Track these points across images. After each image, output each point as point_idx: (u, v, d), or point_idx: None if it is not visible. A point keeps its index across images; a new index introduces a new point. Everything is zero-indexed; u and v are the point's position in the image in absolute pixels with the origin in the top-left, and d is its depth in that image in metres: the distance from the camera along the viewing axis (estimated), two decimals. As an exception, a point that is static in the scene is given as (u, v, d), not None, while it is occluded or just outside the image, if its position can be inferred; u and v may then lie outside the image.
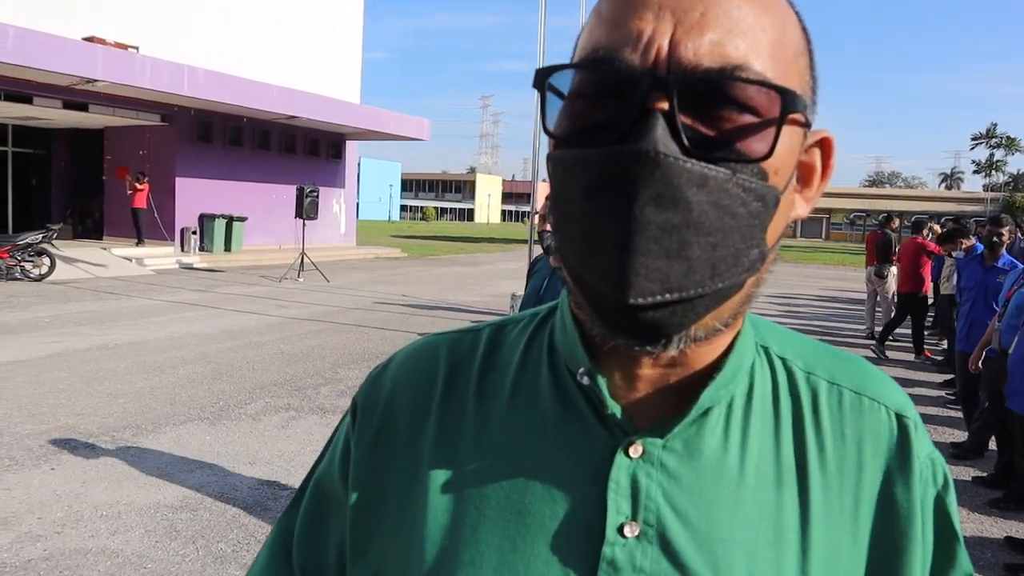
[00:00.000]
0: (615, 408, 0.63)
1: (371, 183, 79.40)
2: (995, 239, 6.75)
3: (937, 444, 4.34)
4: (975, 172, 77.66)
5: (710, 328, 0.60)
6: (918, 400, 8.26)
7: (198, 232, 20.34)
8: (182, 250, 19.84)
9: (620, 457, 0.63)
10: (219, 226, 20.68)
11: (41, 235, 14.81)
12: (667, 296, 0.54)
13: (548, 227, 3.20)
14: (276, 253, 21.53)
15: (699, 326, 0.58)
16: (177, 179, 20.14)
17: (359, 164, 28.57)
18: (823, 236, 76.80)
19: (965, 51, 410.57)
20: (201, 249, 20.33)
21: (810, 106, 0.60)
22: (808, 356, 0.71)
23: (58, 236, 15.69)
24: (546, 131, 0.60)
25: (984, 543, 4.72)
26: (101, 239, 20.75)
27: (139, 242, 19.03)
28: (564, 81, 0.59)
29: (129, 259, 17.82)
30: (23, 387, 7.13)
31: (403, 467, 0.70)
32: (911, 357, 10.78)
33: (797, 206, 0.63)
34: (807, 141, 0.62)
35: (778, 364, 0.70)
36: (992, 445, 6.12)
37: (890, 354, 10.95)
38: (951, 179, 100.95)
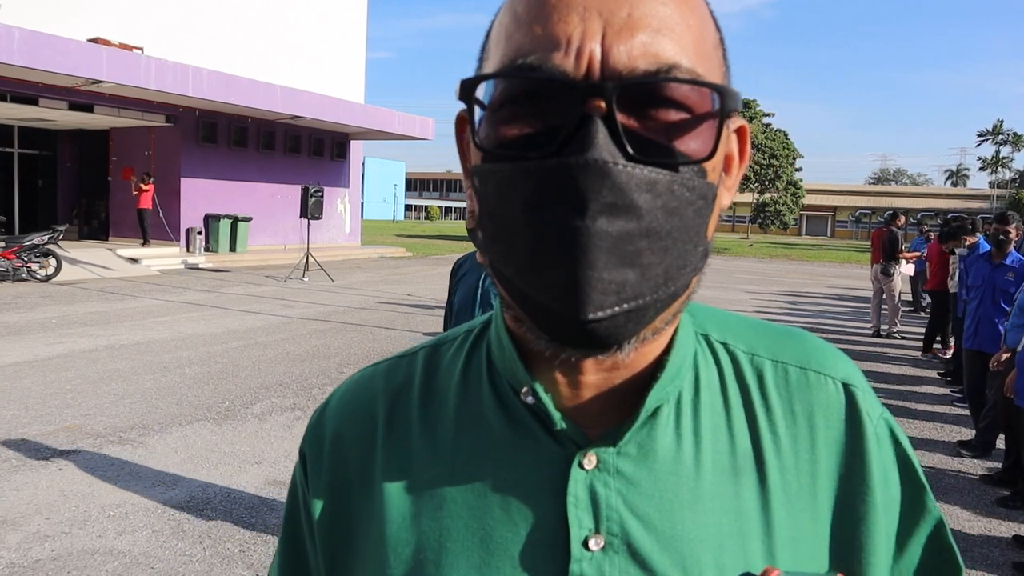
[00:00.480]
0: (561, 421, 0.62)
1: (375, 183, 79.35)
2: (1002, 237, 6.72)
3: (943, 443, 4.32)
4: (981, 169, 77.40)
5: (657, 329, 0.59)
6: (924, 398, 8.25)
7: (203, 232, 20.37)
8: (187, 250, 19.88)
9: (575, 470, 0.61)
10: (224, 226, 20.72)
11: (47, 236, 14.85)
12: (624, 306, 0.52)
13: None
14: (281, 253, 21.57)
15: (650, 329, 0.57)
16: (182, 179, 20.19)
17: (363, 164, 28.61)
18: (828, 234, 76.67)
19: (971, 48, 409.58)
20: (206, 249, 20.37)
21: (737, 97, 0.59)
22: (749, 337, 0.70)
23: (64, 237, 15.75)
24: (476, 145, 0.57)
25: (992, 542, 4.70)
26: (107, 240, 20.81)
27: (145, 243, 19.08)
28: (483, 90, 0.56)
29: (135, 260, 17.86)
30: (30, 388, 7.15)
31: (359, 508, 0.68)
32: (917, 354, 10.76)
33: (723, 197, 0.62)
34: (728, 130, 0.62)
35: (720, 350, 0.69)
36: (1000, 443, 6.11)
37: (895, 352, 10.94)
38: (957, 176, 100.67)
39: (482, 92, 0.56)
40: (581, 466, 0.62)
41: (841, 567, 0.65)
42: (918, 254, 13.79)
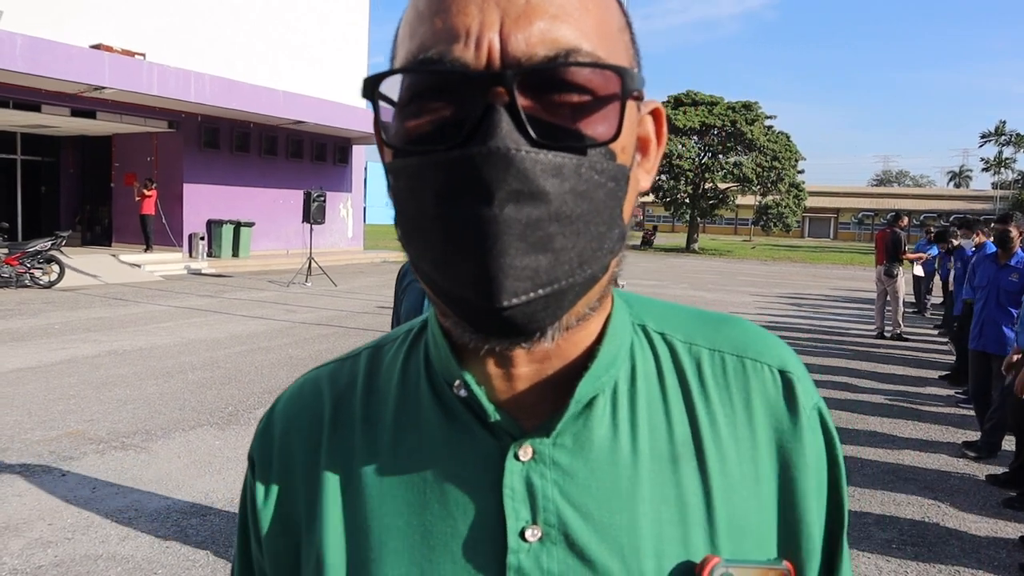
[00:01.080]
0: (496, 414, 0.62)
1: (378, 187, 79.30)
2: (1004, 237, 6.70)
3: (949, 444, 4.30)
4: (984, 170, 77.19)
5: (581, 315, 0.59)
6: (929, 399, 8.22)
7: (206, 238, 20.38)
8: (190, 256, 19.89)
9: (511, 462, 0.62)
10: (227, 232, 20.72)
11: (50, 242, 14.86)
12: (539, 292, 0.53)
13: None
14: (284, 258, 21.58)
15: (572, 315, 0.58)
16: (185, 185, 20.20)
17: (366, 168, 28.60)
18: (831, 236, 76.59)
19: (972, 48, 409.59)
20: (209, 255, 20.37)
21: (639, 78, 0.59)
22: (687, 326, 0.71)
23: (67, 243, 15.76)
24: (381, 142, 0.58)
25: (999, 543, 4.68)
26: (110, 246, 20.83)
27: (147, 248, 19.09)
28: (393, 87, 0.56)
29: (138, 265, 17.87)
30: (33, 394, 7.14)
31: (306, 510, 0.69)
32: (921, 355, 10.73)
33: (641, 179, 0.63)
34: (640, 113, 0.62)
35: (658, 340, 0.69)
36: (1006, 445, 6.08)
37: (899, 353, 10.91)
38: (960, 177, 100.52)
39: (390, 89, 0.57)
40: (517, 458, 0.62)
41: (786, 553, 0.66)
42: (924, 256, 13.78)
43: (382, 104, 0.57)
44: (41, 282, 14.61)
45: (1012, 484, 5.48)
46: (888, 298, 12.43)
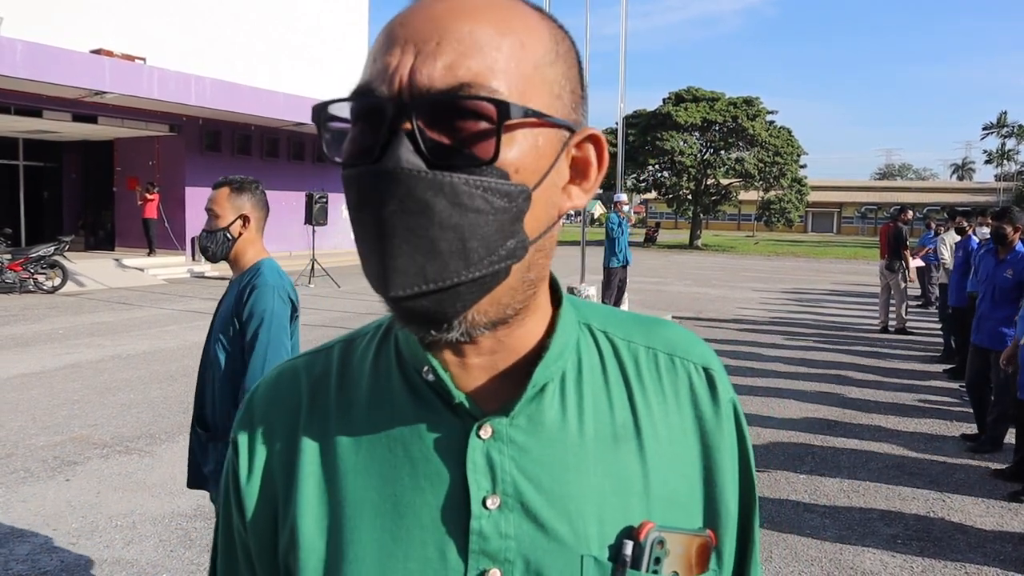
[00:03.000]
0: (460, 396, 0.71)
1: (380, 188, 79.47)
2: (1000, 234, 6.68)
3: (954, 438, 4.29)
4: (986, 162, 76.93)
5: (493, 313, 0.67)
6: (933, 393, 8.21)
7: (209, 241, 20.35)
8: (193, 259, 19.88)
9: (473, 439, 0.70)
10: (230, 234, 20.70)
11: (53, 247, 14.89)
12: (427, 287, 0.62)
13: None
14: (287, 260, 21.56)
15: (477, 311, 0.66)
16: (187, 188, 20.21)
17: (368, 169, 28.64)
18: (834, 230, 76.44)
19: (973, 42, 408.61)
20: (212, 258, 20.35)
21: (571, 108, 0.69)
22: (626, 327, 0.81)
23: (70, 248, 15.78)
24: (324, 157, 0.70)
25: (1005, 537, 4.67)
26: (113, 250, 20.85)
27: (150, 252, 19.12)
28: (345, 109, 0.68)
29: (141, 269, 17.90)
30: (38, 399, 7.16)
31: (283, 486, 0.76)
32: (925, 350, 10.71)
33: (574, 197, 0.71)
34: (574, 139, 0.70)
35: (601, 337, 0.79)
36: (1009, 438, 6.06)
37: (901, 350, 10.89)
38: (963, 170, 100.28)
39: (346, 113, 0.67)
40: (478, 436, 0.71)
41: (708, 523, 0.76)
42: (928, 249, 13.76)
43: (339, 124, 0.68)
44: (45, 287, 14.64)
45: (1017, 478, 5.47)
46: (891, 292, 12.43)
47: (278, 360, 2.75)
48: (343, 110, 0.67)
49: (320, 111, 0.67)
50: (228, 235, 2.98)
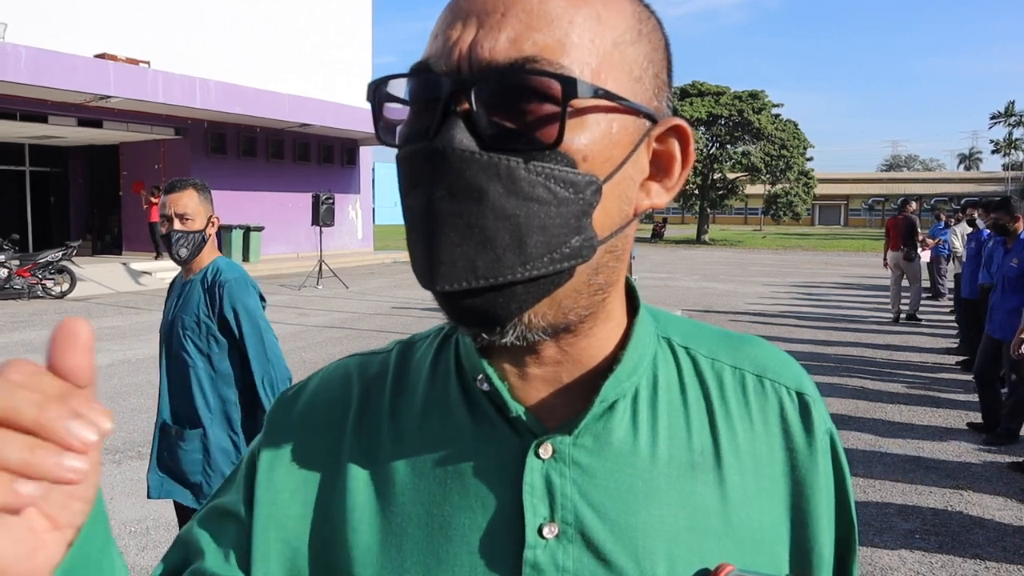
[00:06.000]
0: (518, 410, 0.64)
1: (386, 188, 79.47)
2: (997, 225, 6.66)
3: (969, 431, 4.24)
4: (994, 152, 76.50)
5: (553, 318, 0.61)
6: (948, 386, 8.16)
7: (216, 244, 20.39)
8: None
9: (531, 459, 0.64)
10: (236, 237, 20.75)
11: (61, 252, 14.92)
12: (478, 283, 0.56)
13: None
14: (294, 262, 21.60)
15: (535, 314, 0.59)
16: (193, 191, 20.21)
17: (373, 169, 28.64)
18: (841, 223, 76.23)
19: (979, 31, 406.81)
20: (220, 260, 20.38)
21: (652, 94, 0.62)
22: (711, 343, 0.73)
23: (77, 253, 15.81)
24: (379, 139, 0.63)
25: (1023, 531, 4.62)
26: (120, 254, 20.92)
27: (158, 256, 19.14)
28: (402, 88, 0.62)
29: (148, 273, 17.92)
30: (48, 405, 7.14)
31: (325, 491, 0.70)
32: (937, 344, 10.66)
33: (654, 195, 0.64)
34: (656, 129, 0.63)
35: (681, 353, 0.72)
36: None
37: (913, 340, 10.83)
38: (970, 160, 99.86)
39: (401, 93, 0.62)
40: (537, 455, 0.64)
41: (797, 569, 0.68)
42: (939, 240, 13.78)
43: (394, 104, 0.62)
44: (53, 292, 14.66)
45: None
46: (905, 281, 12.55)
47: (274, 342, 2.99)
48: (399, 90, 0.62)
49: (376, 89, 0.62)
50: (204, 237, 3.04)
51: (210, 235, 3.05)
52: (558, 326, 0.61)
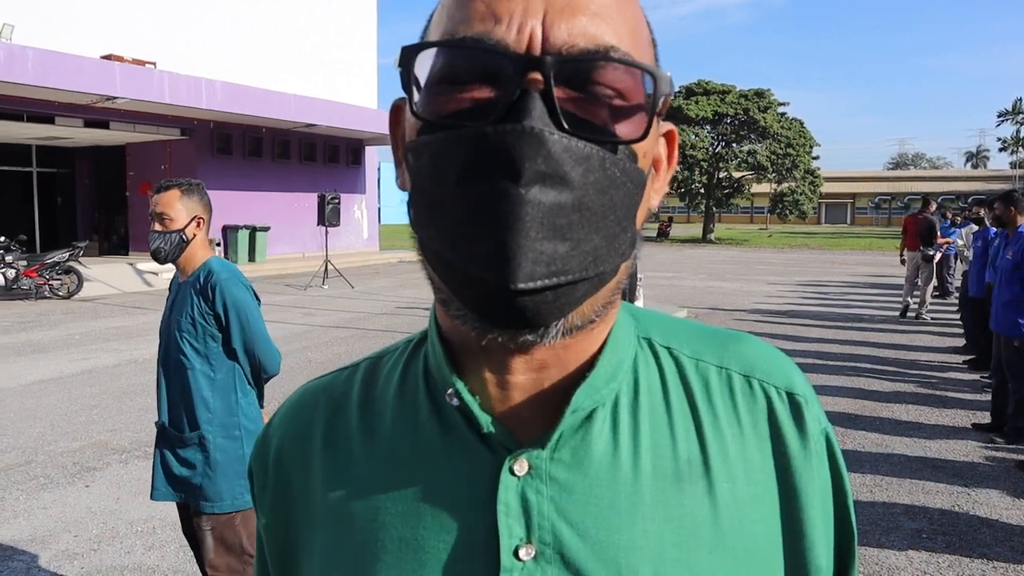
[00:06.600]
0: (490, 425, 0.60)
1: (392, 187, 79.62)
2: (996, 215, 6.67)
3: (970, 430, 4.21)
4: (1001, 150, 76.23)
5: (586, 317, 0.58)
6: (955, 384, 8.13)
7: (222, 244, 20.45)
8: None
9: (506, 476, 0.60)
10: (242, 237, 20.80)
11: (68, 253, 14.97)
12: (553, 280, 0.51)
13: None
14: (300, 261, 21.63)
15: (576, 314, 0.56)
16: (199, 192, 20.25)
17: (379, 169, 28.65)
18: (848, 221, 76.04)
19: (986, 29, 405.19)
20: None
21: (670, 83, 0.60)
22: (695, 342, 0.69)
23: (84, 253, 15.85)
24: (414, 113, 0.56)
25: (1031, 530, 4.60)
26: (127, 254, 20.95)
27: (164, 256, 19.15)
28: (424, 65, 0.56)
29: (155, 273, 17.94)
30: (56, 405, 7.18)
31: (301, 521, 0.69)
32: (944, 344, 10.62)
33: (651, 198, 0.62)
34: (663, 129, 0.64)
35: (663, 354, 0.67)
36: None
37: (920, 338, 10.80)
38: (977, 158, 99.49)
39: (423, 65, 0.56)
40: (512, 472, 0.60)
41: None
42: (950, 240, 13.79)
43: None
44: (60, 293, 14.71)
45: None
46: (919, 280, 12.69)
47: (264, 331, 3.06)
48: (424, 63, 0.56)
49: (411, 54, 0.55)
50: (184, 237, 3.03)
51: (194, 235, 3.04)
52: (581, 326, 0.58)
